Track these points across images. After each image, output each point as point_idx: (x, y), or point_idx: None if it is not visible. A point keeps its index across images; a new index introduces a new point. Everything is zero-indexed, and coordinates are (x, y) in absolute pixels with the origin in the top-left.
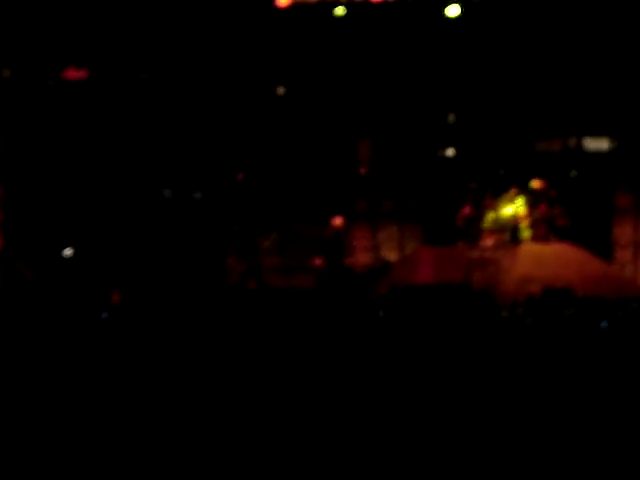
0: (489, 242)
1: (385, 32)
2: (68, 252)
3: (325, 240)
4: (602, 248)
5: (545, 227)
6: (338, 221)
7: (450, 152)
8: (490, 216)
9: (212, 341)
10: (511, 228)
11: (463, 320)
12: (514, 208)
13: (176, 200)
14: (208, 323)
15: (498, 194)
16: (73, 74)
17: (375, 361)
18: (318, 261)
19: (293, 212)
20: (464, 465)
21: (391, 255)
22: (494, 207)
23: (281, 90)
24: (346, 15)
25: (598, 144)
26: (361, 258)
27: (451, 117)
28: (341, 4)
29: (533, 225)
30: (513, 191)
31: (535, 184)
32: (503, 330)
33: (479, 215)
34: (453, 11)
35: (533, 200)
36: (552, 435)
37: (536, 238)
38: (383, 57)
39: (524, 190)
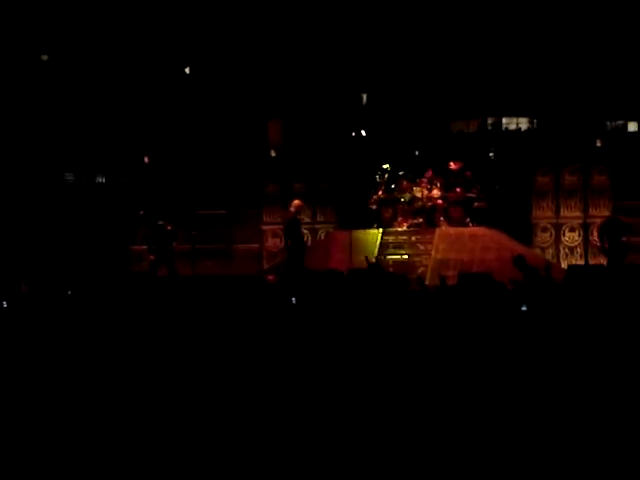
0: (404, 225)
1: (294, 10)
2: None
3: (285, 221)
4: (521, 231)
5: (462, 210)
6: (297, 202)
7: (363, 133)
8: (405, 198)
9: (120, 329)
10: (426, 211)
11: (377, 304)
12: (429, 191)
13: (78, 185)
14: (113, 312)
15: (413, 176)
16: None
17: (289, 347)
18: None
19: (201, 197)
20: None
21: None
22: (409, 190)
23: (187, 70)
24: None
25: (517, 124)
26: (272, 242)
27: (364, 97)
28: None
29: (449, 208)
30: (428, 173)
31: (451, 165)
32: (418, 314)
33: (393, 198)
34: None
35: (449, 182)
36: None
37: (452, 221)
38: (293, 36)
39: (440, 172)
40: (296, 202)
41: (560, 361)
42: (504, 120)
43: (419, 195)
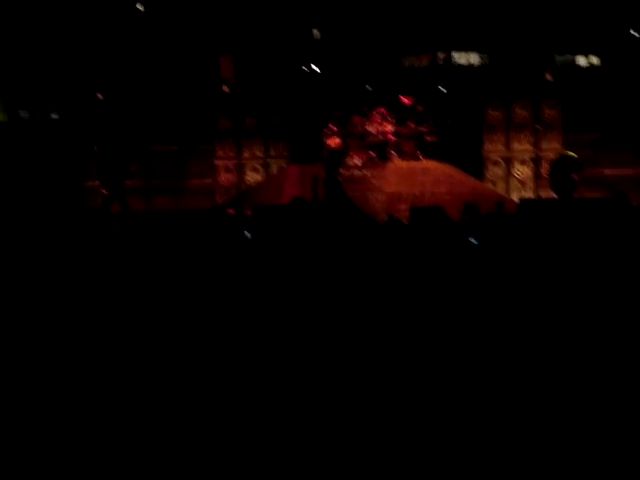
0: (356, 160)
1: None
2: None
3: (325, 158)
4: (472, 165)
5: (413, 144)
6: (336, 140)
7: (315, 68)
8: (357, 133)
9: (74, 267)
10: (379, 146)
11: (332, 238)
12: (381, 125)
13: (32, 121)
14: (69, 248)
15: (365, 111)
16: None
17: (244, 283)
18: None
19: (155, 132)
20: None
21: (255, 174)
22: (361, 124)
23: (141, 6)
24: None
25: (467, 59)
26: (225, 177)
27: (315, 32)
28: None
29: (401, 142)
30: (380, 108)
31: (403, 100)
32: (370, 248)
33: (345, 132)
34: None
35: (401, 117)
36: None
37: (404, 155)
38: None
39: (391, 107)
40: (336, 140)
41: (511, 297)
42: (455, 55)
43: (371, 130)
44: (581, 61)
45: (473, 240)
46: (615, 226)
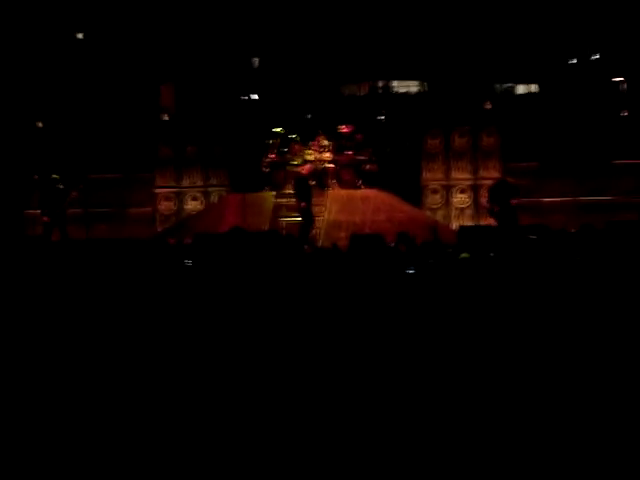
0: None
1: None
2: None
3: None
4: (412, 193)
5: (352, 172)
6: (307, 167)
7: (255, 97)
8: (296, 162)
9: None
10: (318, 174)
11: (271, 266)
12: (321, 154)
13: None
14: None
15: (304, 139)
16: None
17: (181, 310)
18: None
19: (95, 160)
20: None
21: (195, 203)
22: (300, 152)
23: (80, 35)
24: None
25: (407, 87)
26: (165, 205)
27: (256, 61)
28: None
29: (340, 171)
30: (320, 136)
31: (342, 129)
32: (310, 276)
33: (285, 161)
34: None
35: (340, 145)
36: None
37: (344, 184)
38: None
39: (331, 135)
40: (307, 167)
41: (449, 323)
42: (394, 83)
43: (310, 158)
44: (520, 89)
45: (411, 269)
46: (555, 252)
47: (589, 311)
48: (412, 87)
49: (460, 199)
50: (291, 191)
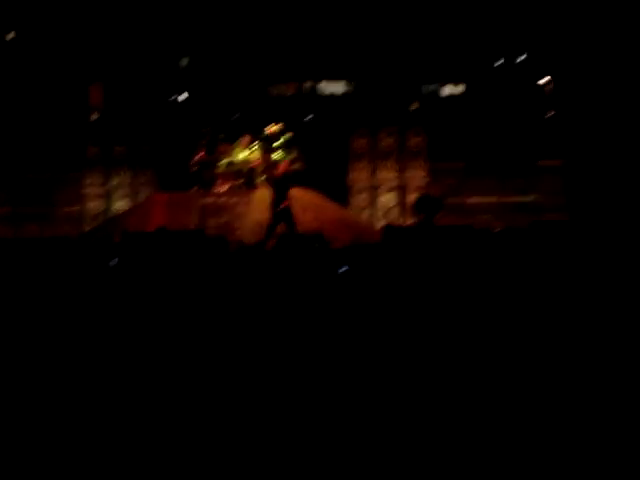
0: (223, 188)
1: None
2: None
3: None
4: (338, 193)
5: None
6: (282, 166)
7: (183, 96)
8: (224, 161)
9: None
10: (246, 173)
11: (198, 266)
12: (248, 153)
13: None
14: None
15: (232, 139)
16: None
17: (106, 309)
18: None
19: (23, 160)
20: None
21: (124, 202)
22: (228, 152)
23: (10, 34)
24: None
25: (334, 87)
26: (93, 205)
27: (184, 60)
28: None
29: (268, 170)
30: (247, 136)
31: (270, 129)
32: (237, 275)
33: (213, 160)
34: None
35: (268, 145)
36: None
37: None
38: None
39: (258, 135)
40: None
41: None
42: (322, 84)
43: (238, 157)
44: (447, 90)
45: (342, 268)
46: (477, 252)
47: (513, 310)
48: (339, 87)
49: (386, 199)
50: (219, 190)
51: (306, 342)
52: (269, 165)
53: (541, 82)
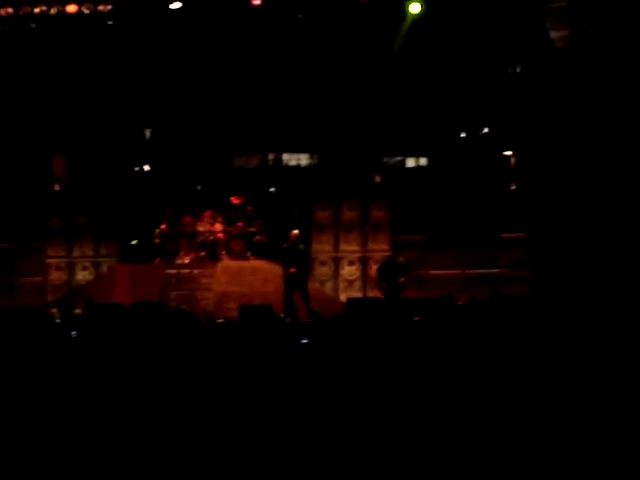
0: (186, 259)
1: (74, 45)
2: None
3: (285, 250)
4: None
5: (243, 244)
6: (295, 232)
7: (147, 168)
8: (187, 233)
9: None
10: (209, 245)
11: (161, 338)
12: (212, 225)
13: None
14: None
15: (195, 211)
16: None
17: (71, 381)
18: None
19: None
20: None
21: (86, 273)
22: (191, 224)
23: None
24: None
25: (297, 159)
26: (56, 275)
27: (147, 132)
28: None
29: (231, 242)
30: (211, 208)
31: (233, 200)
32: (202, 347)
33: (176, 232)
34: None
35: (230, 217)
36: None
37: (234, 255)
38: (75, 70)
39: (222, 207)
40: (295, 231)
41: (342, 391)
42: (285, 156)
43: (201, 229)
44: (410, 163)
45: (303, 339)
46: (443, 325)
47: (477, 381)
48: (302, 160)
49: (349, 271)
50: (182, 262)
51: (265, 412)
52: (232, 236)
53: (504, 154)
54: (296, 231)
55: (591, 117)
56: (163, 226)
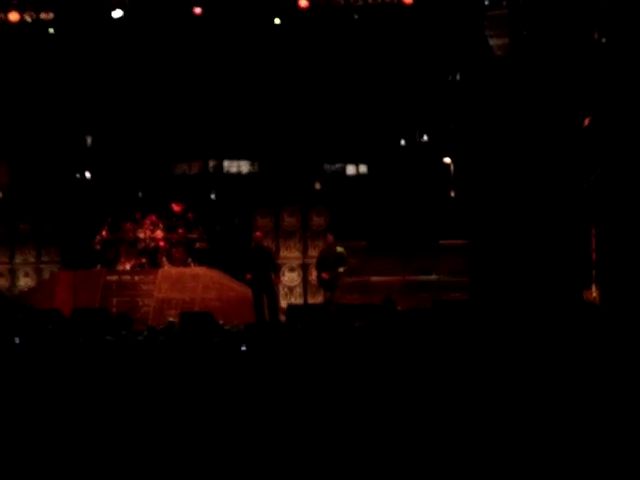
0: (127, 266)
1: (22, 53)
2: None
3: (250, 251)
4: (242, 271)
5: (183, 250)
6: (259, 233)
7: (88, 175)
8: (128, 240)
9: None
10: (149, 252)
11: (102, 344)
12: (152, 232)
13: None
14: None
15: (136, 218)
16: None
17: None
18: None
19: None
20: None
21: (27, 279)
22: (132, 231)
23: None
24: None
25: (238, 166)
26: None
27: (88, 139)
28: None
29: (171, 249)
30: (151, 215)
31: (173, 207)
32: (139, 354)
33: (117, 239)
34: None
35: (171, 224)
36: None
37: (175, 262)
38: (18, 78)
39: (162, 213)
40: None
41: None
42: (226, 163)
43: (142, 236)
44: (350, 170)
45: (242, 347)
46: (383, 331)
47: (417, 386)
48: (243, 166)
49: (289, 278)
50: (122, 268)
51: (201, 418)
52: (173, 243)
53: (443, 162)
54: (259, 233)
55: (530, 125)
56: (104, 233)
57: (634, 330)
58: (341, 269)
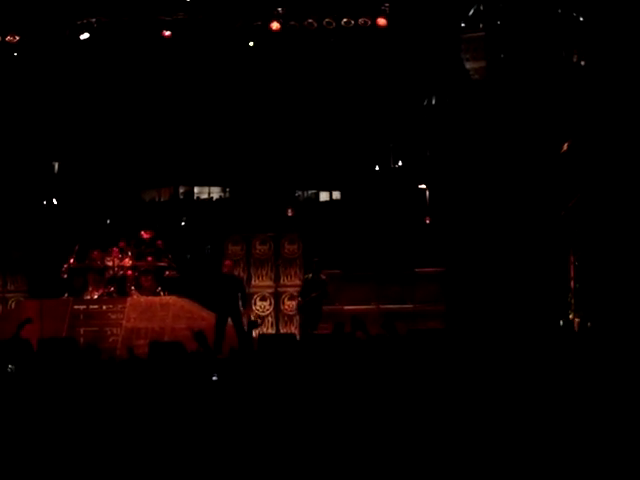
0: (95, 295)
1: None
2: None
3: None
4: (212, 300)
5: (153, 279)
6: (228, 262)
7: (55, 202)
8: (96, 268)
9: None
10: (118, 280)
11: (69, 375)
12: (121, 260)
13: None
14: None
15: (104, 245)
16: None
17: None
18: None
19: None
20: None
21: None
22: (100, 259)
23: None
24: None
25: (209, 193)
26: None
27: (56, 166)
28: None
29: (140, 277)
30: (120, 242)
31: (142, 235)
32: (110, 384)
33: (84, 267)
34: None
35: (140, 251)
36: None
37: (143, 290)
38: None
39: (131, 241)
40: (228, 262)
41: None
42: (196, 189)
43: (110, 264)
44: (323, 196)
45: (214, 377)
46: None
47: (391, 417)
48: (214, 193)
49: (261, 307)
50: (90, 297)
51: (172, 450)
52: (142, 271)
53: (419, 188)
54: (228, 261)
55: (507, 150)
56: (71, 261)
57: (613, 358)
58: (314, 294)
